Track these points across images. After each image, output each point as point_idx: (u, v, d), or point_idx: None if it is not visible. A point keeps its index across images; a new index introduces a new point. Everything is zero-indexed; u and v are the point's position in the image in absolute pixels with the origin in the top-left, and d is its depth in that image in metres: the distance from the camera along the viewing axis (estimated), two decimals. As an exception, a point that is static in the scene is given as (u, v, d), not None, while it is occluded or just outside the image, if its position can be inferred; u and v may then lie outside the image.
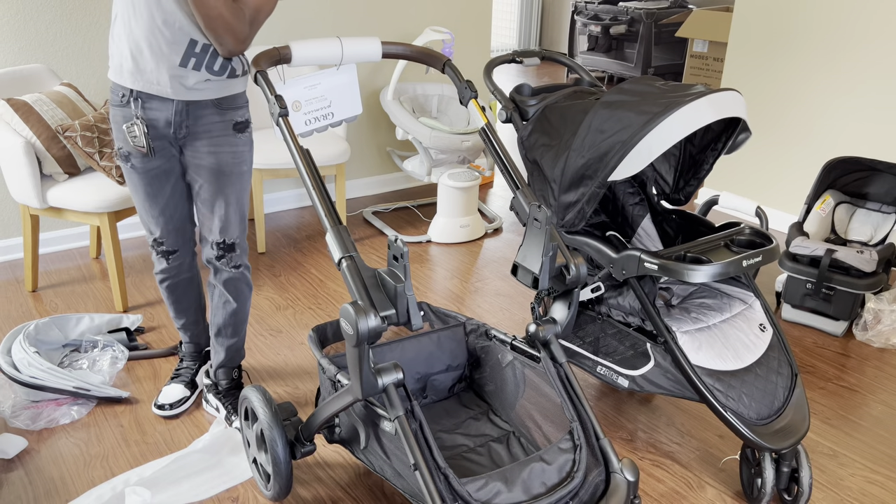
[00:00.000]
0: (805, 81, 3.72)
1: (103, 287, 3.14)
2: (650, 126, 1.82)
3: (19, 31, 3.16)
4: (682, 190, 2.28)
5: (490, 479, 1.47)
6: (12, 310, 2.93)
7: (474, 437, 1.91)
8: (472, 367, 2.10)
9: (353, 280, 1.47)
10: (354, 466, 2.10)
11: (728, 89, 1.93)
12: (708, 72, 6.09)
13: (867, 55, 3.45)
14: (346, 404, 1.63)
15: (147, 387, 2.46)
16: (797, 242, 2.82)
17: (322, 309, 3.00)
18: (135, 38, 1.86)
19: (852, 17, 3.46)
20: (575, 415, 1.63)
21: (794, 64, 3.76)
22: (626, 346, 2.09)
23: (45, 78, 3.07)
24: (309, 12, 3.83)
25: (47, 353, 2.50)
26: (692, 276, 1.82)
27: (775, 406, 1.93)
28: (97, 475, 2.06)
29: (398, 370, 1.51)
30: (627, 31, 6.93)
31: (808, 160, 3.78)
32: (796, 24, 3.70)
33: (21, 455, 2.12)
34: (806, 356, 2.74)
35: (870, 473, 2.13)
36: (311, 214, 4.05)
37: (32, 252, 3.02)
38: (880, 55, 3.40)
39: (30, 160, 2.75)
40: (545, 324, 1.73)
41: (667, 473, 2.11)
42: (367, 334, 1.41)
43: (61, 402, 2.31)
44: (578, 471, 1.53)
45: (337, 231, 1.55)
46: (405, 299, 1.44)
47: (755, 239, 2.00)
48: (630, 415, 2.36)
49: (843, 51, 3.53)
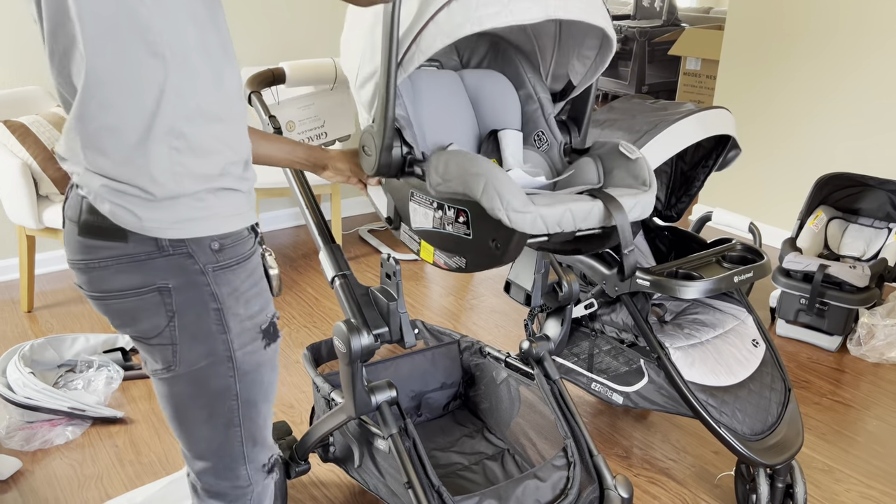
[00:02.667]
0: (797, 98, 3.76)
1: (99, 307, 3.14)
2: (640, 144, 1.84)
3: (16, 53, 3.18)
4: (674, 206, 2.30)
5: (484, 497, 1.47)
6: (8, 330, 2.93)
7: (469, 455, 1.91)
8: (467, 385, 2.11)
9: (345, 298, 1.48)
10: (349, 486, 2.10)
11: (717, 107, 1.95)
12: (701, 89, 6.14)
13: (858, 72, 3.49)
14: (340, 422, 1.64)
15: (142, 407, 2.45)
16: (790, 258, 2.84)
17: (317, 327, 3.00)
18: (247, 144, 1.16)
19: (843, 35, 3.50)
20: (569, 431, 1.63)
21: (785, 81, 3.79)
22: (620, 363, 2.09)
23: (42, 100, 3.09)
24: (303, 33, 3.87)
25: (42, 373, 2.50)
26: (684, 292, 1.83)
27: (769, 421, 1.94)
28: (91, 496, 2.05)
29: (392, 388, 1.52)
30: (621, 49, 6.98)
31: (800, 176, 3.81)
32: (787, 41, 3.74)
33: (15, 476, 2.12)
34: (801, 371, 2.74)
35: (865, 489, 2.13)
36: (307, 233, 4.06)
37: (28, 272, 3.02)
38: (871, 72, 3.44)
39: (26, 181, 2.76)
40: (538, 341, 1.74)
41: (662, 490, 2.11)
42: (360, 352, 1.42)
43: (56, 422, 2.30)
44: (572, 488, 1.53)
45: (330, 250, 1.55)
46: (398, 317, 1.44)
47: (747, 255, 2.02)
48: (625, 431, 2.36)
49: (835, 68, 3.57)
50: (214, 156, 1.05)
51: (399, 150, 1.30)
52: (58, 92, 1.07)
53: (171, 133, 1.01)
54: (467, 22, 1.15)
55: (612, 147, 1.37)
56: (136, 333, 1.13)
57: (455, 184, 1.21)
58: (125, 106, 0.99)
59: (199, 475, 1.26)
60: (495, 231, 1.19)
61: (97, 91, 0.98)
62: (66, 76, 1.03)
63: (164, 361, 1.14)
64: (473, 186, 1.18)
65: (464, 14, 1.15)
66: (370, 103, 1.30)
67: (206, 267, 1.08)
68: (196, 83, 1.01)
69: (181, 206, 1.04)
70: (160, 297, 1.08)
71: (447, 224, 1.27)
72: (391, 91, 1.21)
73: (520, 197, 1.15)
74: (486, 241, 1.20)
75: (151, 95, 0.98)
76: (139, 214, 1.03)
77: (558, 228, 1.18)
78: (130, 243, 1.05)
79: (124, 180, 1.02)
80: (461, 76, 1.57)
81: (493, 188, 1.15)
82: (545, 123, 1.50)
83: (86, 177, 1.04)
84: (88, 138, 1.01)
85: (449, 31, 1.16)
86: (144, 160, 1.01)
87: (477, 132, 1.56)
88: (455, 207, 1.23)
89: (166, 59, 0.97)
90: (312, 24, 3.88)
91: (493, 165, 1.19)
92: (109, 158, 1.01)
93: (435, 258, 1.34)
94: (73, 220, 1.08)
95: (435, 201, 1.27)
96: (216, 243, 1.09)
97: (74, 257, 1.10)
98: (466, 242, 1.25)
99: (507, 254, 1.20)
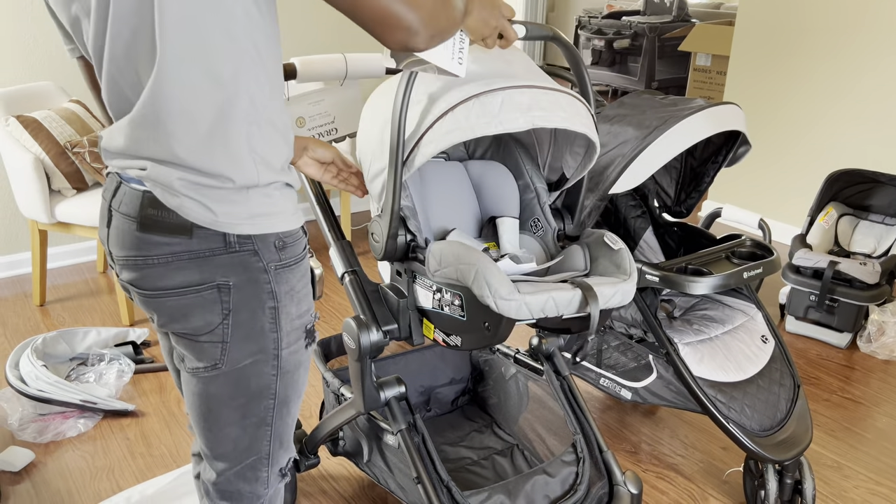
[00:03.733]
0: (807, 94, 3.74)
1: (110, 301, 3.16)
2: (650, 139, 1.84)
3: (29, 49, 3.20)
4: (684, 202, 2.29)
5: (493, 492, 1.48)
6: (20, 324, 2.96)
7: (478, 450, 1.92)
8: (476, 380, 2.11)
9: (355, 294, 1.49)
10: (358, 479, 2.11)
11: (727, 103, 1.95)
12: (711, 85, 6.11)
13: (870, 68, 3.47)
14: (349, 418, 1.65)
15: (153, 400, 2.47)
16: (800, 255, 2.83)
17: (327, 322, 3.02)
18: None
19: (855, 30, 3.48)
20: (578, 427, 1.63)
21: (795, 77, 3.77)
22: (629, 358, 2.10)
23: (55, 95, 3.11)
24: (314, 30, 3.87)
25: (54, 366, 2.52)
26: (693, 288, 1.83)
27: (777, 417, 1.94)
28: (103, 488, 2.07)
29: (400, 384, 1.52)
30: (631, 45, 6.96)
31: (810, 172, 3.79)
32: (797, 37, 3.72)
33: (28, 468, 2.14)
34: (810, 368, 2.74)
35: (874, 485, 2.13)
36: (316, 228, 4.07)
37: (41, 267, 3.05)
38: (883, 68, 3.42)
39: (39, 176, 2.78)
40: (548, 337, 1.74)
41: (671, 486, 2.11)
42: (369, 348, 1.42)
43: (68, 415, 2.32)
44: (581, 483, 1.54)
45: (340, 246, 1.56)
46: (408, 314, 1.45)
47: (756, 251, 2.01)
48: (634, 427, 2.37)
49: (846, 64, 3.55)
50: (280, 146, 1.08)
51: (404, 238, 1.40)
52: (109, 86, 1.05)
53: (248, 117, 1.02)
54: (458, 130, 1.26)
55: (598, 237, 1.46)
56: (184, 330, 1.11)
57: (450, 271, 1.31)
58: (204, 88, 0.98)
59: (218, 475, 1.24)
60: (487, 315, 1.28)
61: (175, 72, 0.97)
62: (131, 62, 1.01)
63: (209, 359, 1.12)
64: (466, 275, 1.27)
65: (455, 124, 1.26)
66: (379, 195, 1.38)
67: (269, 265, 1.08)
68: (268, 68, 1.03)
69: (253, 202, 1.05)
70: (218, 294, 1.07)
71: (445, 306, 1.35)
72: (397, 186, 1.31)
73: (506, 286, 1.23)
74: (480, 323, 1.30)
75: (230, 76, 0.99)
76: (214, 209, 1.02)
77: (542, 314, 1.26)
78: (195, 239, 1.04)
79: (203, 169, 1.01)
80: (466, 166, 1.68)
81: (482, 277, 1.24)
82: (541, 211, 1.59)
83: (156, 170, 1.02)
84: (163, 125, 1.00)
85: (441, 140, 1.27)
86: (224, 144, 1.01)
87: (479, 217, 1.66)
88: (451, 291, 1.32)
89: (242, 43, 0.98)
90: (322, 20, 3.88)
91: (483, 256, 1.27)
92: (186, 145, 1.00)
93: (434, 335, 1.43)
94: (131, 216, 1.06)
95: (434, 284, 1.36)
96: (280, 241, 1.09)
97: (129, 254, 1.07)
98: (462, 324, 1.34)
99: (498, 336, 1.29)
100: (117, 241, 1.09)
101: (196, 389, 1.16)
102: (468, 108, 1.25)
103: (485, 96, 1.25)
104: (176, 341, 1.15)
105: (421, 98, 1.31)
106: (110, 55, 1.02)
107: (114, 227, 1.10)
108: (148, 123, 1.01)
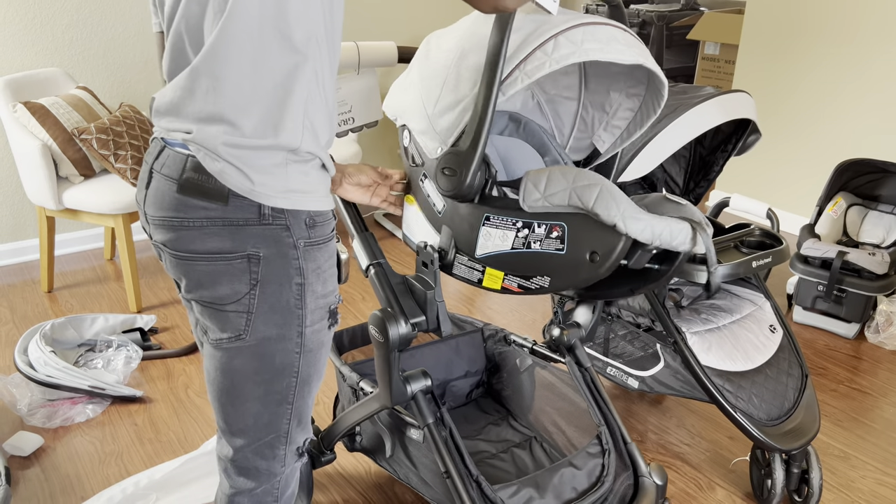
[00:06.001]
0: (816, 83, 3.71)
1: (118, 288, 3.17)
2: (660, 127, 1.83)
3: (36, 35, 3.20)
4: (693, 191, 2.28)
5: (522, 486, 1.46)
6: (28, 310, 2.97)
7: (496, 443, 1.90)
8: (490, 373, 2.10)
9: (381, 287, 1.46)
10: (375, 474, 2.11)
11: (738, 91, 1.93)
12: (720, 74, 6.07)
13: (879, 57, 3.44)
14: (373, 412, 1.62)
15: (161, 386, 2.48)
16: (808, 244, 2.82)
17: (333, 310, 3.02)
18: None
19: (864, 19, 3.45)
20: (602, 419, 1.61)
21: (805, 66, 3.75)
22: (636, 347, 2.09)
23: (62, 81, 3.11)
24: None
25: (63, 352, 2.53)
26: (701, 277, 1.83)
27: (785, 407, 1.93)
28: (112, 473, 2.08)
29: (427, 377, 1.50)
30: (639, 33, 6.92)
31: (819, 162, 3.77)
32: (807, 26, 3.69)
33: (37, 453, 2.15)
34: (818, 358, 2.73)
35: (881, 476, 2.12)
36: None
37: (48, 253, 3.06)
38: (893, 57, 3.39)
39: (46, 162, 2.79)
40: (569, 328, 1.69)
41: (677, 474, 2.11)
42: (398, 341, 1.40)
43: (76, 400, 2.34)
44: (608, 475, 1.52)
45: (364, 237, 1.54)
46: (435, 305, 1.42)
47: (765, 240, 2.01)
48: (640, 416, 2.37)
49: (855, 52, 3.52)
50: (326, 124, 1.10)
51: (483, 174, 1.30)
52: (172, 45, 1.07)
53: (309, 86, 1.05)
54: (573, 54, 1.22)
55: (658, 196, 1.39)
56: (211, 298, 1.12)
57: (559, 197, 1.23)
58: (273, 49, 1.01)
59: (236, 451, 1.25)
60: (597, 242, 1.21)
61: (244, 26, 1.00)
62: (199, 20, 1.04)
63: (234, 329, 1.13)
64: (586, 196, 1.20)
65: (570, 47, 1.22)
66: (449, 130, 1.30)
67: (299, 241, 1.11)
68: (334, 43, 1.07)
69: (291, 176, 1.07)
70: (248, 264, 1.09)
71: (534, 242, 1.27)
72: (491, 107, 1.23)
73: (633, 205, 1.19)
74: (583, 254, 1.22)
75: (301, 42, 1.02)
76: (253, 178, 1.05)
77: (658, 241, 1.22)
78: (230, 206, 1.06)
79: (250, 129, 1.03)
80: (490, 140, 1.61)
81: (608, 195, 1.19)
82: None
83: (202, 133, 1.05)
84: (219, 78, 1.02)
85: (557, 59, 1.22)
86: (280, 106, 1.03)
87: None
88: (548, 223, 1.25)
89: (316, 13, 1.02)
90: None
91: (602, 177, 1.23)
92: (236, 101, 1.02)
93: (505, 283, 1.34)
94: (173, 178, 1.09)
95: (520, 220, 1.28)
96: (311, 219, 1.11)
97: (166, 214, 1.10)
98: (556, 259, 1.26)
99: (606, 266, 1.21)
100: (155, 201, 1.12)
101: (219, 364, 1.17)
102: (583, 32, 1.23)
103: (591, 26, 1.24)
104: (200, 311, 1.16)
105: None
106: (184, 11, 1.05)
107: (153, 188, 1.12)
108: (205, 74, 1.03)
